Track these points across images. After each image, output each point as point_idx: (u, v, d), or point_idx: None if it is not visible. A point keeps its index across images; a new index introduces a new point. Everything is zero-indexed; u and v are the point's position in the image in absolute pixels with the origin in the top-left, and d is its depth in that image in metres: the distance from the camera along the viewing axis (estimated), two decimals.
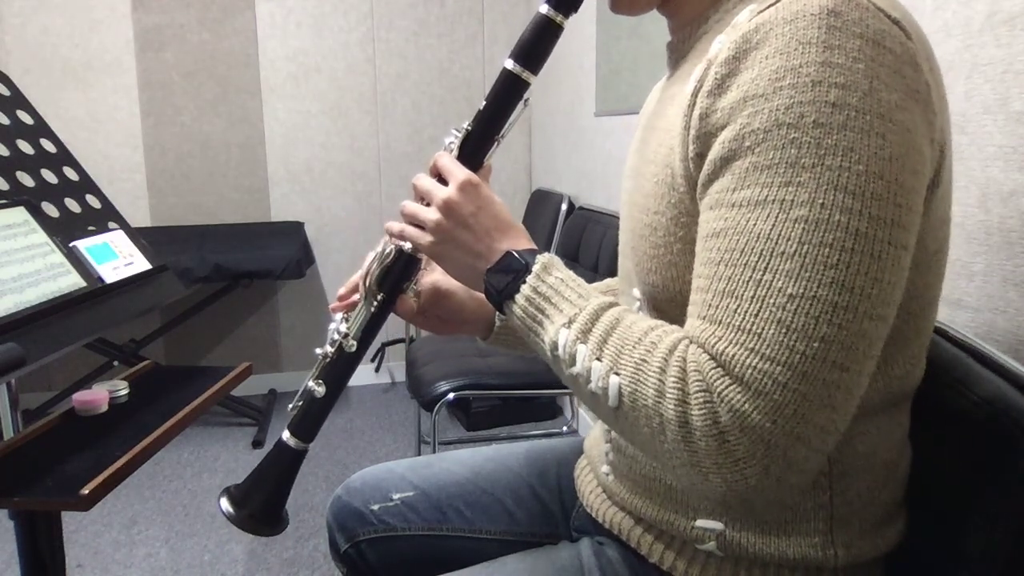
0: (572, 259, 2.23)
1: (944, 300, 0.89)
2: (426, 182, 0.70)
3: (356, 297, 0.79)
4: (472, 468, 0.95)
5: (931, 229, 0.57)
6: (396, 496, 0.92)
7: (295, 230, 2.96)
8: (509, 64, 0.69)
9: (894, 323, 0.57)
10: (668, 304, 0.63)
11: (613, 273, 0.91)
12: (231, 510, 0.77)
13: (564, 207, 2.46)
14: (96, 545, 2.01)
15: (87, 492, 0.79)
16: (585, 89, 2.50)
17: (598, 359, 0.56)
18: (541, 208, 2.72)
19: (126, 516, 2.16)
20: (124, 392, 1.07)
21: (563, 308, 0.60)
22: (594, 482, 0.80)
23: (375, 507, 0.92)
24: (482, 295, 0.68)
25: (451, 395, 1.79)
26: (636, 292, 0.70)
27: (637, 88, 2.05)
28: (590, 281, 0.66)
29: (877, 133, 0.49)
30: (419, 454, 2.27)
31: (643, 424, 0.53)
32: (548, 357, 0.61)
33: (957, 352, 0.68)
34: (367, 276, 0.76)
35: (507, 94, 0.70)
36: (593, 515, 0.78)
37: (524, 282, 0.62)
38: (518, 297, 0.62)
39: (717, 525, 0.64)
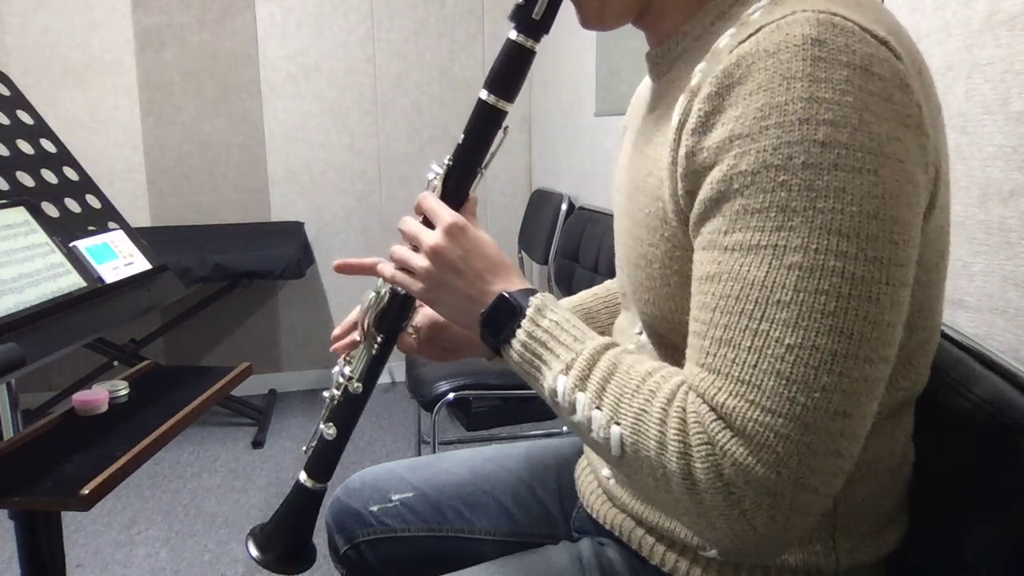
0: (572, 259, 2.23)
1: (944, 300, 0.89)
2: (412, 226, 0.69)
3: (356, 337, 0.80)
4: (471, 469, 0.95)
5: (928, 244, 0.56)
6: (395, 497, 0.92)
7: (295, 230, 2.96)
8: (484, 95, 0.68)
9: (899, 339, 0.57)
10: (669, 332, 0.63)
11: (612, 273, 0.91)
12: (258, 555, 0.79)
13: (564, 207, 2.46)
14: (96, 545, 2.01)
15: (87, 492, 0.79)
16: (585, 89, 2.50)
17: (598, 408, 0.55)
18: (541, 208, 2.72)
19: (126, 516, 2.16)
20: (124, 392, 1.07)
21: (559, 353, 0.59)
22: (595, 483, 0.80)
23: (374, 508, 0.92)
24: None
25: (451, 395, 1.79)
26: (635, 311, 0.69)
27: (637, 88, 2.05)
28: (589, 282, 0.66)
29: (869, 170, 0.47)
30: (419, 454, 2.27)
31: (647, 474, 0.53)
32: (549, 403, 0.61)
33: (958, 352, 0.68)
34: (365, 319, 0.77)
35: (485, 125, 0.70)
36: (594, 516, 0.78)
37: (519, 327, 0.61)
38: (514, 342, 0.61)
39: None
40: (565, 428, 2.50)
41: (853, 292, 0.47)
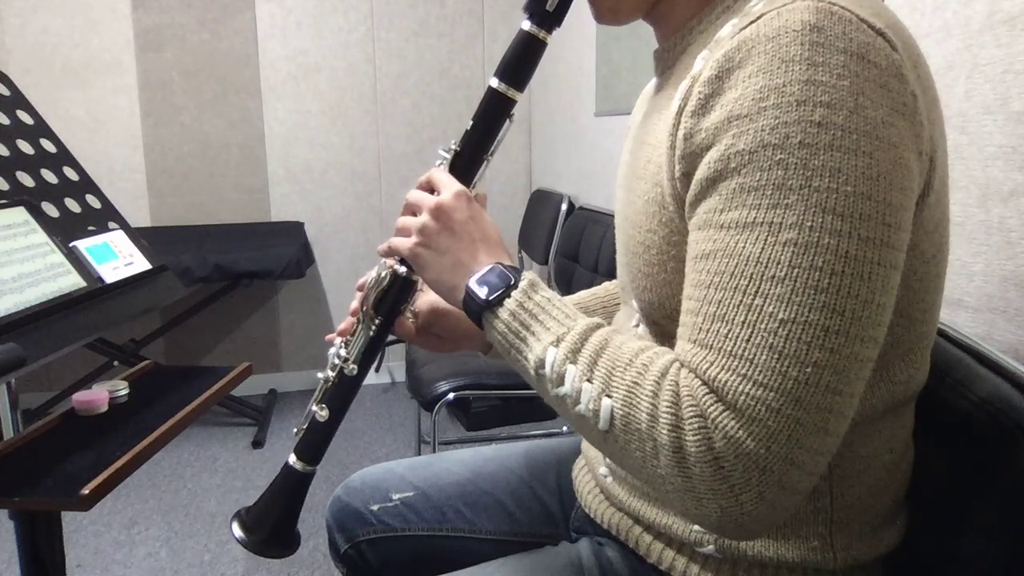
0: (572, 259, 2.23)
1: (944, 300, 0.89)
2: (417, 194, 0.70)
3: (353, 320, 0.79)
4: (472, 468, 0.95)
5: (925, 235, 0.56)
6: (396, 496, 0.92)
7: (295, 230, 2.96)
8: (494, 82, 0.69)
9: (896, 330, 0.56)
10: (665, 320, 0.63)
11: (612, 273, 0.91)
12: (243, 535, 0.78)
13: (564, 207, 2.46)
14: (96, 545, 2.01)
15: (87, 492, 0.79)
16: (585, 89, 2.50)
17: (588, 380, 0.55)
18: (541, 208, 2.72)
19: (126, 516, 2.16)
20: (124, 392, 1.07)
21: (550, 326, 0.59)
22: (592, 482, 0.80)
23: (375, 507, 0.92)
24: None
25: (451, 395, 1.79)
26: (635, 304, 0.70)
27: (637, 88, 2.05)
28: (589, 281, 0.66)
29: (864, 152, 0.48)
30: (419, 454, 2.27)
31: (635, 448, 0.53)
32: (531, 376, 0.60)
33: (957, 352, 0.68)
34: (364, 300, 0.76)
35: (494, 113, 0.71)
36: (591, 515, 0.78)
37: (510, 296, 0.61)
38: (501, 311, 0.61)
39: None
40: (566, 428, 2.50)
41: (846, 270, 0.48)
